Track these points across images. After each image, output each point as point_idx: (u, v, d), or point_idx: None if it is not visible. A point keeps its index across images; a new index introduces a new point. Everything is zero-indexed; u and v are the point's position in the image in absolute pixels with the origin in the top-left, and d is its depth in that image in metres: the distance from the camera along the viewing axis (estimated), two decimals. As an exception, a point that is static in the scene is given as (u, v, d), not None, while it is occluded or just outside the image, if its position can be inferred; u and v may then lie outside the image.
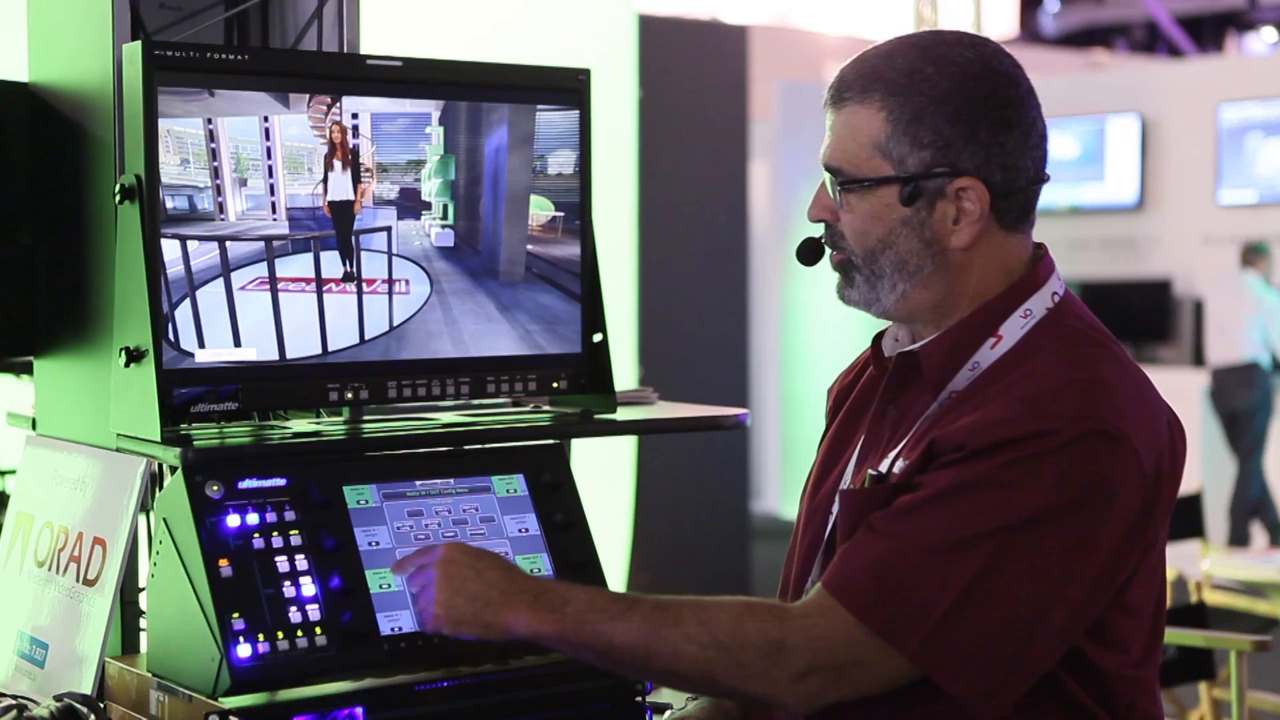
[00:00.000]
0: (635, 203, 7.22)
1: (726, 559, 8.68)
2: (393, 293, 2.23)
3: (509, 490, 2.24)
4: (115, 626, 2.31)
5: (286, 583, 2.02)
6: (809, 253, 2.03)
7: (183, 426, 2.11)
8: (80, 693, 2.16)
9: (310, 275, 2.17)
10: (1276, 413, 10.11)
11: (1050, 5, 19.39)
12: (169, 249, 2.07)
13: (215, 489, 2.04)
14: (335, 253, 2.19)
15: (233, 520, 2.03)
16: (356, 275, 2.20)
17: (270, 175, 2.13)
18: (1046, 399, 1.81)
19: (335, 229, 2.18)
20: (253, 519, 2.05)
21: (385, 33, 2.90)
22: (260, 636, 1.98)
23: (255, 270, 2.13)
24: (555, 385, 2.35)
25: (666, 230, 8.16)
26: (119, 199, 2.07)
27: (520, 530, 2.22)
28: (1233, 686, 4.38)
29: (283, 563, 2.04)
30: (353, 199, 2.19)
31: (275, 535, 2.05)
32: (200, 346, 2.09)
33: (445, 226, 2.27)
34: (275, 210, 2.14)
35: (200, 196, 2.09)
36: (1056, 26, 19.67)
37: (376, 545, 2.11)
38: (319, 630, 2.02)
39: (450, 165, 2.27)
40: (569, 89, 2.34)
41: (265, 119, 2.12)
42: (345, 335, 2.20)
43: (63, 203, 2.36)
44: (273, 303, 2.14)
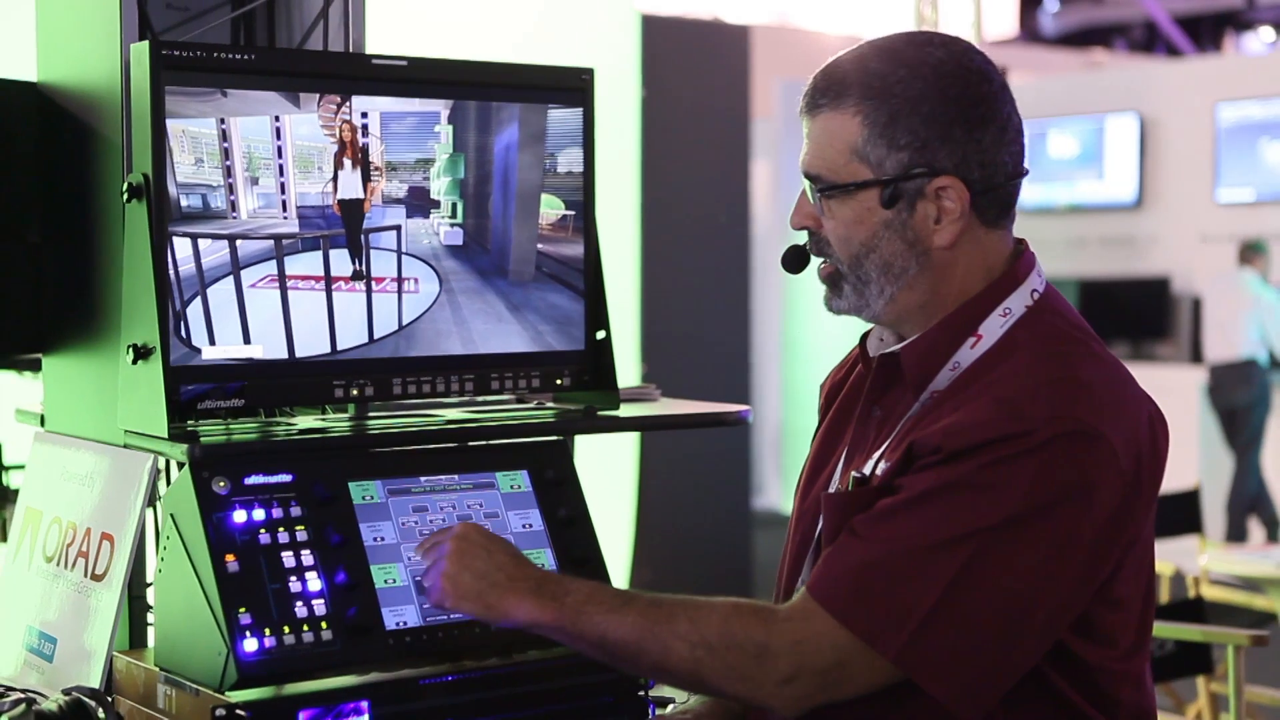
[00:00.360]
0: (638, 201, 7.22)
1: (728, 554, 8.69)
2: (402, 291, 2.24)
3: (513, 486, 2.25)
4: (123, 621, 2.33)
5: (292, 578, 2.03)
6: (794, 260, 2.04)
7: (190, 423, 2.12)
8: (88, 687, 2.17)
9: (320, 273, 2.18)
10: (1274, 409, 10.11)
11: (1050, 5, 19.38)
12: (180, 246, 2.08)
13: (222, 485, 2.05)
14: (345, 251, 2.19)
15: (239, 516, 2.05)
16: (366, 274, 2.21)
17: (281, 174, 2.14)
18: (1021, 400, 1.81)
19: (345, 227, 2.19)
20: (259, 514, 2.06)
21: (389, 33, 2.91)
22: (266, 631, 1.99)
23: (265, 268, 2.13)
24: (559, 382, 2.36)
25: (669, 229, 8.17)
26: (126, 197, 2.08)
27: (524, 526, 2.23)
28: (1230, 681, 4.39)
29: (289, 558, 2.05)
30: (362, 197, 2.20)
31: (281, 531, 2.06)
32: (211, 343, 2.10)
33: (454, 225, 2.28)
34: (286, 208, 2.15)
35: (213, 195, 2.10)
36: (1056, 26, 19.65)
37: (381, 541, 2.12)
38: (324, 625, 2.03)
39: (459, 164, 2.27)
40: (572, 88, 2.35)
41: (276, 119, 2.13)
42: (354, 334, 2.21)
43: (70, 201, 2.37)
44: (282, 301, 2.15)
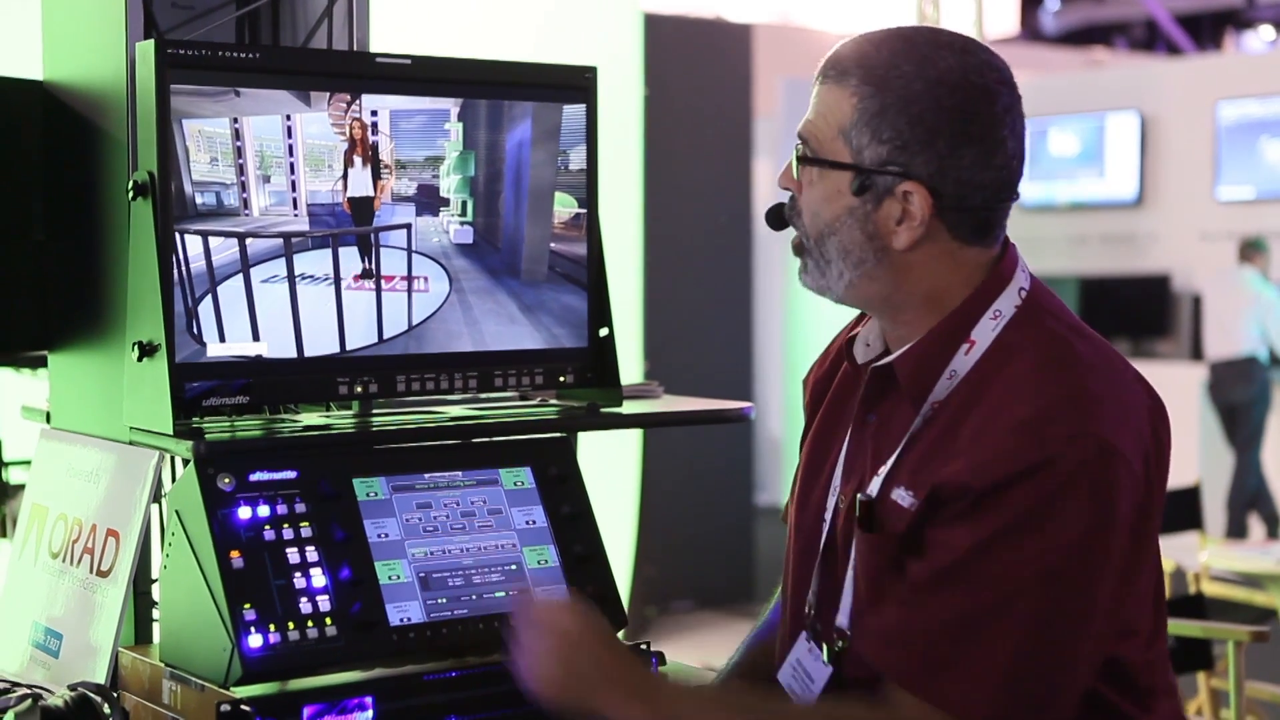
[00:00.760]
0: (641, 199, 7.23)
1: (731, 551, 8.71)
2: (412, 290, 2.24)
3: (516, 483, 2.26)
4: (128, 617, 2.33)
5: (297, 574, 2.04)
6: (776, 218, 2.02)
7: (195, 420, 2.12)
8: (94, 682, 2.17)
9: (329, 271, 2.18)
10: (1274, 406, 10.12)
11: (1050, 4, 19.38)
12: (192, 244, 2.08)
13: (227, 481, 2.05)
14: (354, 249, 2.20)
15: (244, 512, 2.05)
16: (375, 272, 2.21)
17: (292, 172, 2.14)
18: (1039, 422, 1.80)
19: (355, 225, 2.19)
20: (264, 511, 2.06)
21: (393, 31, 2.91)
22: (271, 627, 1.99)
23: (274, 266, 2.14)
24: (562, 379, 2.36)
25: (672, 226, 8.18)
26: (132, 195, 2.09)
27: (527, 522, 2.23)
28: (1230, 677, 4.40)
29: (293, 554, 2.05)
30: (372, 195, 2.20)
31: (286, 527, 2.06)
32: (221, 340, 2.11)
33: (464, 223, 2.27)
34: (296, 206, 2.15)
35: (227, 193, 2.10)
36: (1057, 25, 19.66)
37: (386, 537, 2.12)
38: (329, 621, 2.03)
39: (470, 161, 2.27)
40: (575, 86, 2.34)
41: (288, 117, 2.13)
42: (364, 334, 2.21)
43: (76, 199, 2.38)
44: (291, 298, 2.15)
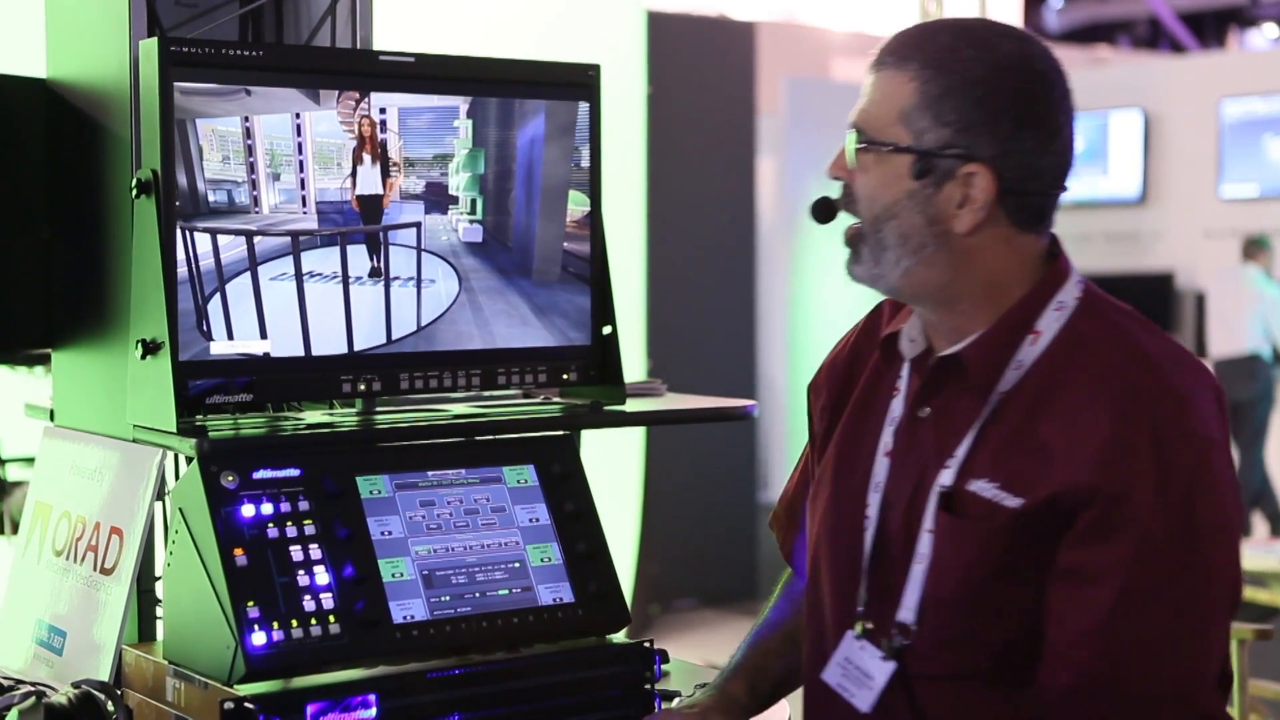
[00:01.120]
0: (644, 197, 7.22)
1: (734, 549, 8.71)
2: (421, 289, 2.24)
3: (520, 480, 2.25)
4: (132, 615, 2.34)
5: (300, 572, 2.04)
6: (823, 210, 2.01)
7: (198, 417, 2.12)
8: (98, 680, 2.17)
9: (337, 269, 2.18)
10: (1277, 404, 10.12)
11: (1054, 2, 19.37)
12: (202, 241, 2.09)
13: (230, 479, 2.05)
14: (363, 247, 2.19)
15: (247, 510, 2.05)
16: (384, 270, 2.21)
17: (301, 170, 2.14)
18: (1143, 425, 1.82)
19: (364, 223, 2.19)
20: (267, 509, 2.06)
21: (396, 29, 2.91)
22: (275, 624, 2.00)
23: (283, 264, 2.14)
24: (565, 377, 2.36)
25: (675, 224, 8.18)
26: (135, 193, 2.09)
27: (530, 520, 2.23)
28: (1234, 674, 4.40)
29: (297, 552, 2.05)
30: (381, 193, 2.20)
31: (289, 525, 2.06)
32: (229, 338, 2.11)
33: (473, 221, 2.27)
34: (305, 204, 2.15)
35: (238, 191, 2.11)
36: (1060, 23, 19.64)
37: (389, 534, 2.12)
38: (332, 618, 2.03)
39: (479, 159, 2.27)
40: (578, 84, 2.34)
41: (297, 115, 2.13)
42: (372, 334, 2.21)
43: (79, 197, 2.38)
44: (298, 297, 2.15)
